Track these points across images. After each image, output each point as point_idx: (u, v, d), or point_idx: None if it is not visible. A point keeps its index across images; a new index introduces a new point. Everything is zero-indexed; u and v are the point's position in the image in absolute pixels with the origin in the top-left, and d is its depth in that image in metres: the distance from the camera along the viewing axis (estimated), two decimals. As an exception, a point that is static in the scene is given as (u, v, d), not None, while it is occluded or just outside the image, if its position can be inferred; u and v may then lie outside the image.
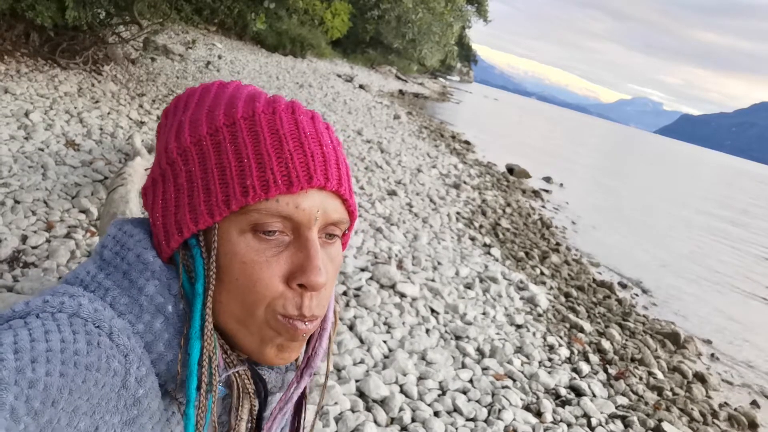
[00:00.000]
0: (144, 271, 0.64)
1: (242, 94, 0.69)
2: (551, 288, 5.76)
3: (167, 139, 0.70)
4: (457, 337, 3.91)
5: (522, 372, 3.71)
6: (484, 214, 7.86)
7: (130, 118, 6.49)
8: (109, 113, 6.35)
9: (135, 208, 3.24)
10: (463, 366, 3.56)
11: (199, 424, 0.61)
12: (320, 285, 0.64)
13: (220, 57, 14.81)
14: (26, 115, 5.28)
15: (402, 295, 4.21)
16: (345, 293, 3.98)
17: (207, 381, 0.62)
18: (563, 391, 3.63)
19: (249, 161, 0.63)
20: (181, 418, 0.67)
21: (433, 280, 4.68)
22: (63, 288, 0.61)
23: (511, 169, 13.28)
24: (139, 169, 3.80)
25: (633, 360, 4.66)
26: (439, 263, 5.10)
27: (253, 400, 0.70)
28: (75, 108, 6.07)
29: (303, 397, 0.80)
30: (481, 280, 5.06)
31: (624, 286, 7.35)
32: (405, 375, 3.20)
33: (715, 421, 4.20)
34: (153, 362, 0.62)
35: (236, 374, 0.68)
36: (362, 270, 4.42)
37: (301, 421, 0.81)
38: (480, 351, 3.82)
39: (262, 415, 0.72)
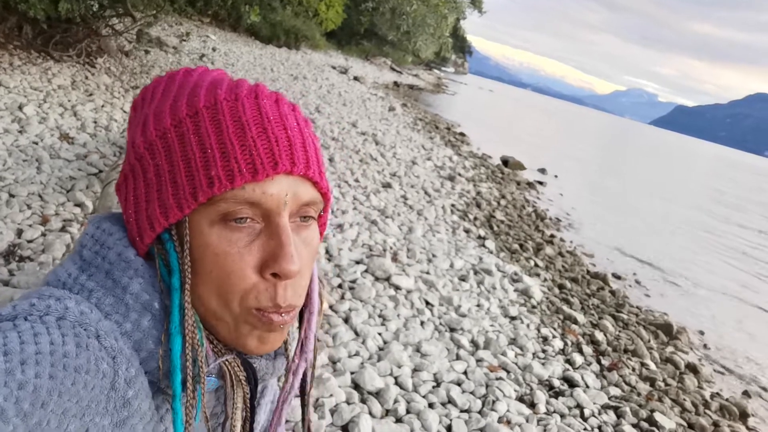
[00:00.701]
0: (127, 270, 0.63)
1: (205, 82, 0.69)
2: (545, 280, 5.79)
3: (134, 134, 0.69)
4: (452, 329, 3.93)
5: (516, 363, 3.74)
6: (478, 206, 7.88)
7: (125, 111, 6.48)
8: (103, 106, 6.33)
9: (130, 201, 3.25)
10: (458, 358, 3.58)
11: (189, 416, 0.61)
12: (293, 273, 0.63)
13: (214, 49, 14.75)
14: (20, 108, 5.26)
15: (397, 288, 4.23)
16: (340, 286, 4.00)
17: (193, 373, 0.63)
18: (557, 383, 3.66)
19: (213, 151, 0.63)
20: None
21: (427, 273, 4.70)
22: (48, 291, 0.61)
23: (505, 161, 13.30)
24: (134, 163, 3.81)
25: (626, 351, 4.70)
26: (433, 255, 5.12)
27: (245, 388, 0.70)
28: (69, 101, 6.05)
29: (304, 382, 0.80)
30: (476, 272, 5.08)
31: (618, 278, 7.39)
32: (400, 367, 3.23)
33: (707, 411, 4.24)
34: (143, 361, 0.62)
35: (227, 363, 0.68)
36: (357, 263, 4.44)
37: (306, 413, 0.82)
38: (474, 343, 3.85)
39: (254, 402, 0.72)
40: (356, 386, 2.95)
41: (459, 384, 3.29)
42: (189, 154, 0.63)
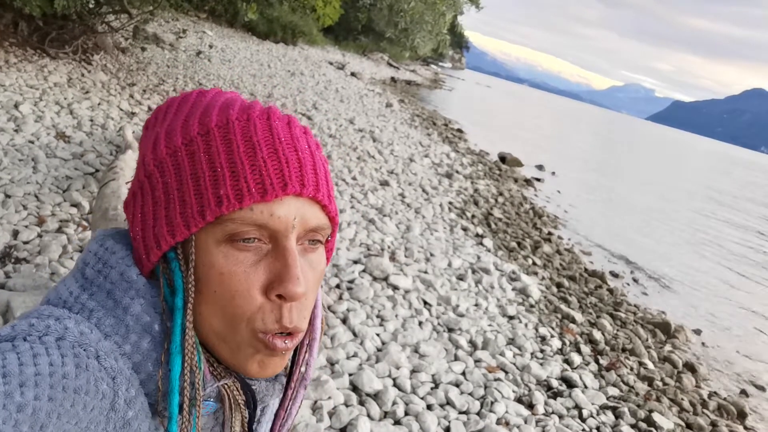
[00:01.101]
0: (128, 290, 0.63)
1: (218, 102, 0.68)
2: (543, 278, 5.79)
3: (145, 152, 0.69)
4: (450, 330, 3.92)
5: (514, 364, 3.73)
6: (476, 203, 7.88)
7: (121, 109, 6.45)
8: (99, 104, 6.30)
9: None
10: (456, 358, 3.58)
11: None
12: (299, 295, 0.63)
13: (211, 46, 14.70)
14: (16, 106, 5.23)
15: (395, 288, 4.22)
16: (338, 286, 3.99)
17: (190, 396, 0.62)
18: (555, 383, 3.66)
19: (222, 170, 0.62)
20: None
21: (425, 272, 4.70)
22: (48, 310, 0.60)
23: (503, 158, 13.30)
24: (131, 163, 3.78)
25: (624, 350, 4.70)
26: (431, 254, 5.12)
27: (244, 412, 0.70)
28: (65, 99, 6.02)
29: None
30: (474, 271, 5.08)
31: (616, 276, 7.40)
32: (398, 368, 3.22)
33: (705, 410, 4.25)
34: (142, 382, 0.62)
35: (226, 386, 0.68)
36: (355, 262, 4.43)
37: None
38: (472, 343, 3.84)
39: (252, 426, 0.72)
40: (354, 388, 2.94)
41: (457, 385, 3.29)
42: (198, 172, 0.63)
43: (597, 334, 4.68)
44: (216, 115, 0.66)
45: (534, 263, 6.23)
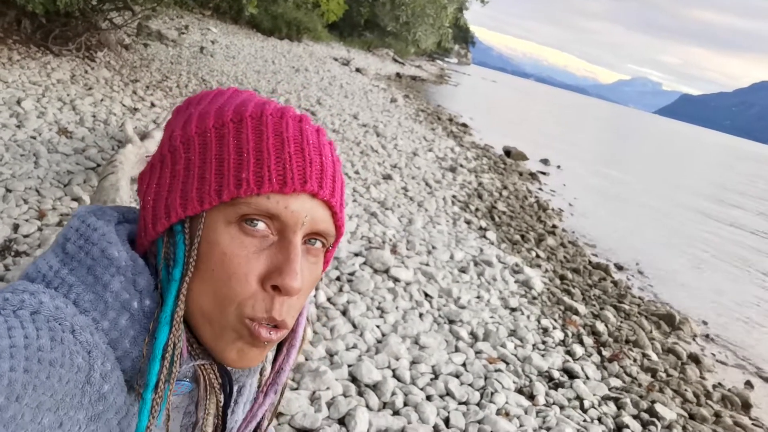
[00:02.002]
0: (109, 267, 0.63)
1: (254, 99, 0.71)
2: (546, 271, 5.77)
3: (174, 128, 0.71)
4: (451, 321, 3.92)
5: (515, 355, 3.72)
6: (480, 197, 7.86)
7: (124, 105, 6.46)
8: (102, 100, 6.32)
9: (125, 196, 3.24)
10: (456, 350, 3.57)
11: (154, 410, 0.61)
12: (295, 290, 0.64)
13: (214, 42, 14.72)
14: (18, 102, 5.25)
15: (396, 280, 4.21)
16: (338, 278, 3.99)
17: (168, 369, 0.62)
18: (556, 374, 3.64)
19: (248, 155, 0.64)
20: None
21: (427, 264, 4.69)
22: (22, 285, 0.60)
23: (508, 152, 13.26)
24: (131, 157, 3.79)
25: (627, 342, 4.68)
26: (433, 247, 5.11)
27: (219, 396, 0.71)
28: (68, 95, 6.04)
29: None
30: (476, 264, 5.06)
31: (620, 268, 7.37)
32: (398, 359, 3.22)
33: (709, 402, 4.22)
34: (118, 359, 0.62)
35: (203, 368, 0.69)
36: (356, 255, 4.42)
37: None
38: (473, 335, 3.84)
39: (227, 410, 0.72)
40: (353, 379, 2.94)
41: (457, 376, 3.28)
42: (224, 154, 0.65)
43: (600, 326, 4.66)
44: (252, 107, 0.68)
45: (537, 256, 6.21)
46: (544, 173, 12.59)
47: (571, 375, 3.73)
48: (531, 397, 3.32)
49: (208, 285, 0.64)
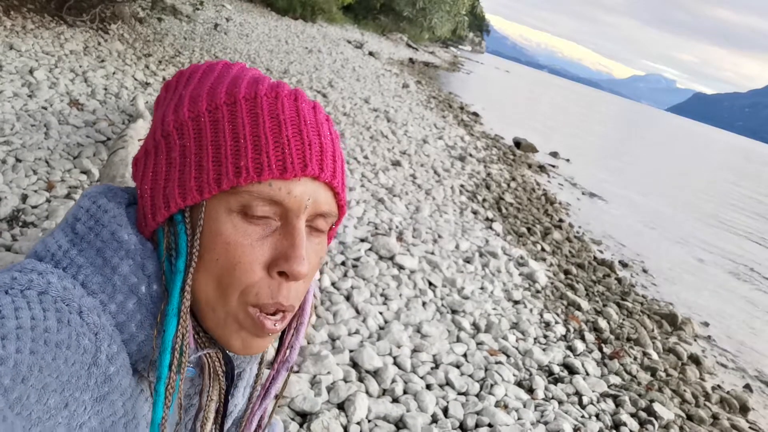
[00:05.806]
0: (118, 250, 0.63)
1: (246, 76, 0.69)
2: (551, 265, 5.76)
3: (165, 112, 0.69)
4: (454, 311, 3.92)
5: (516, 348, 3.73)
6: (488, 187, 7.84)
7: (136, 79, 6.45)
8: (114, 73, 6.31)
9: (135, 171, 3.23)
10: (458, 340, 3.58)
11: (167, 401, 0.61)
12: (302, 275, 0.63)
13: (228, 19, 14.66)
14: (30, 72, 5.25)
15: (400, 267, 4.21)
16: (343, 263, 3.99)
17: (178, 360, 0.62)
18: (556, 369, 3.65)
19: (245, 142, 0.63)
20: (149, 395, 0.67)
21: (432, 253, 4.69)
22: (31, 264, 0.60)
23: (518, 143, 13.20)
24: (141, 132, 3.79)
25: (629, 340, 4.68)
26: (439, 236, 5.10)
27: (222, 383, 0.71)
28: (80, 67, 6.03)
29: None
30: (481, 255, 5.06)
31: (625, 265, 7.35)
32: (399, 347, 3.22)
33: (707, 403, 4.22)
34: (124, 342, 0.62)
35: (208, 355, 0.69)
36: (362, 240, 4.42)
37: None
38: (475, 326, 3.84)
39: (229, 396, 0.73)
40: (354, 365, 2.95)
41: (458, 366, 3.29)
42: (220, 140, 0.63)
43: (602, 323, 4.66)
44: (244, 88, 0.66)
45: (543, 249, 6.20)
46: (553, 166, 12.54)
47: (571, 370, 3.73)
48: (530, 390, 3.33)
49: (211, 274, 0.64)
